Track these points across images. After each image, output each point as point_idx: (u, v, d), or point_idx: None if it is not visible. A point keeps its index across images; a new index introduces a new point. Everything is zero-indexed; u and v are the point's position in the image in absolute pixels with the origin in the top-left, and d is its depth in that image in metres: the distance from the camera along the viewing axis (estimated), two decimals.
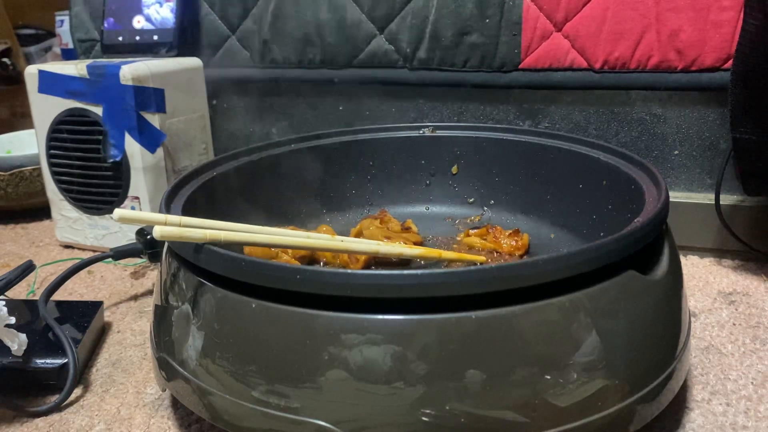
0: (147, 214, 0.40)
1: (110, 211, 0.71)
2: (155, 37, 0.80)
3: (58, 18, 1.18)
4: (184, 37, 0.81)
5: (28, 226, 0.84)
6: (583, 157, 0.57)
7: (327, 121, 0.82)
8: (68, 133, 0.71)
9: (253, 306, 0.34)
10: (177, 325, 0.39)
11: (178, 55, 0.78)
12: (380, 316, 0.32)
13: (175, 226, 0.38)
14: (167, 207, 0.45)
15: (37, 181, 0.82)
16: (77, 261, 0.59)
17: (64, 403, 0.45)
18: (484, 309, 0.32)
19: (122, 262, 0.70)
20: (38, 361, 0.46)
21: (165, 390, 0.46)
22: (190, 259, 0.37)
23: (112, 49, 0.82)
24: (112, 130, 0.68)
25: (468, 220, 0.65)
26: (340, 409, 0.32)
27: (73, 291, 0.64)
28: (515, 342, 0.32)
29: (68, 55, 1.16)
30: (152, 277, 0.67)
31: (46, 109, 0.71)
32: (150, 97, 0.68)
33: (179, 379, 0.38)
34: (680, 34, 0.62)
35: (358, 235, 0.59)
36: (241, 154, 0.60)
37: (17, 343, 0.45)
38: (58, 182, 0.74)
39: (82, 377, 0.48)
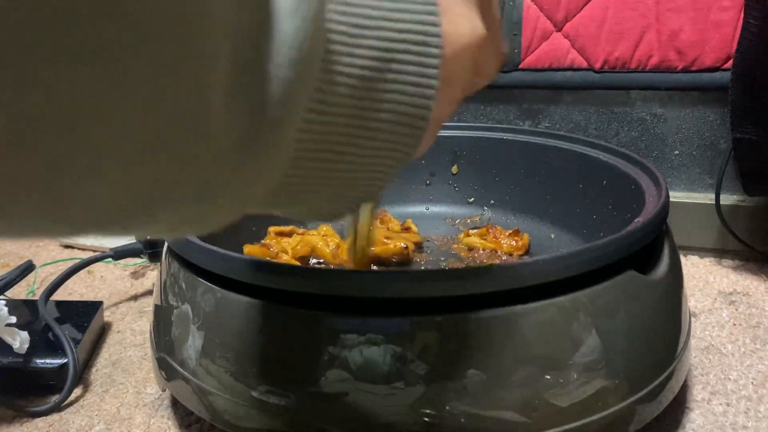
0: None
1: None
2: None
3: None
4: None
5: None
6: (583, 157, 0.56)
7: None
8: None
9: (253, 306, 0.34)
10: (177, 325, 0.39)
11: None
12: (380, 317, 0.32)
13: None
14: None
15: None
16: (77, 261, 0.59)
17: (64, 403, 0.45)
18: (484, 309, 0.32)
19: (122, 261, 0.70)
20: (38, 361, 0.46)
21: (165, 390, 0.46)
22: (190, 259, 0.37)
23: None
24: None
25: (468, 220, 0.65)
26: (340, 409, 0.32)
27: (73, 291, 0.64)
28: (515, 342, 0.32)
29: None
30: (152, 277, 0.67)
31: None
32: None
33: (179, 379, 0.38)
34: (680, 34, 0.62)
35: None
36: None
37: (19, 340, 0.45)
38: None
39: (82, 377, 0.48)
